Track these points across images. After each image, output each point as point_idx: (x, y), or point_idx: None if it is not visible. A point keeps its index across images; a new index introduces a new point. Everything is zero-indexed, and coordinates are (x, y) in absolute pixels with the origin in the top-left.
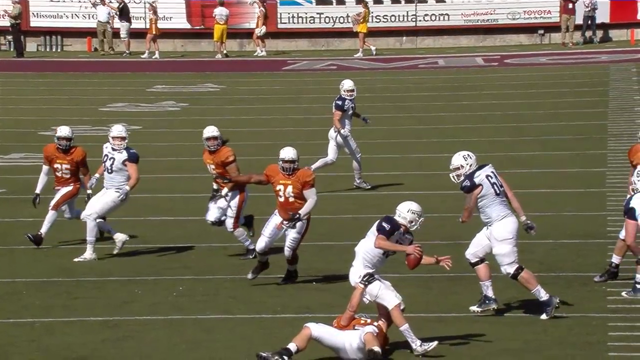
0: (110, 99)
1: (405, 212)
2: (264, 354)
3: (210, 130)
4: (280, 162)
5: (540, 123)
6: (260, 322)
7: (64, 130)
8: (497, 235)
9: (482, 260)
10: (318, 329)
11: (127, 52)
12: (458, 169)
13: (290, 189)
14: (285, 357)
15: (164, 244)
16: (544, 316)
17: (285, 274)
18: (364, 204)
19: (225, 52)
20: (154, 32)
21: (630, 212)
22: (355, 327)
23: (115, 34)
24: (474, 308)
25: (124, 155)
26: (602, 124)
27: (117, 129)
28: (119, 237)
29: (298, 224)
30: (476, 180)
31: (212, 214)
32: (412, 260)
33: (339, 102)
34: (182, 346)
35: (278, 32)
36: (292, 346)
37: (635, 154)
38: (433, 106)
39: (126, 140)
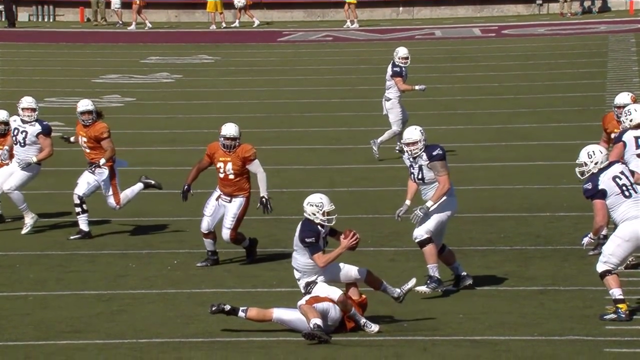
0: (104, 70)
1: (305, 206)
2: (215, 305)
3: (84, 104)
4: (221, 138)
5: (537, 95)
6: (255, 295)
7: None
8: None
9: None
10: (280, 312)
11: (119, 22)
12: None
13: (230, 165)
14: (226, 308)
15: (158, 218)
16: (423, 287)
17: (247, 252)
18: (358, 176)
19: (224, 24)
20: (138, 3)
21: (600, 194)
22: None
23: (108, 4)
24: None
25: (37, 128)
26: (600, 96)
27: (27, 100)
28: (29, 218)
29: (236, 202)
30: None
31: (81, 188)
32: (354, 248)
33: (397, 69)
34: (177, 320)
35: (273, 2)
36: (242, 309)
37: (610, 122)
38: (430, 77)
39: (36, 112)
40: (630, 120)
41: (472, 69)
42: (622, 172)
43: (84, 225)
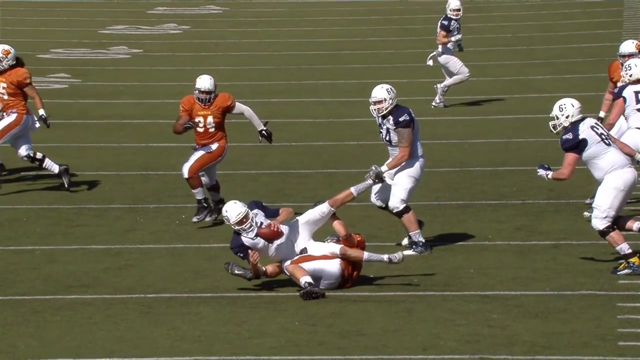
0: (110, 21)
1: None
2: (230, 265)
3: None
4: (196, 92)
5: (551, 46)
6: None
7: None
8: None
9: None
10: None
11: None
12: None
13: (210, 119)
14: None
15: (166, 172)
16: (409, 251)
17: (197, 203)
18: (367, 130)
19: None
20: None
21: (580, 145)
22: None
23: None
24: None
25: None
26: (616, 46)
27: None
28: None
29: (211, 147)
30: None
31: (21, 150)
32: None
33: (445, 22)
34: (185, 275)
35: None
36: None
37: (615, 71)
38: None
39: None
40: (630, 76)
41: (485, 19)
42: (596, 123)
43: (54, 168)
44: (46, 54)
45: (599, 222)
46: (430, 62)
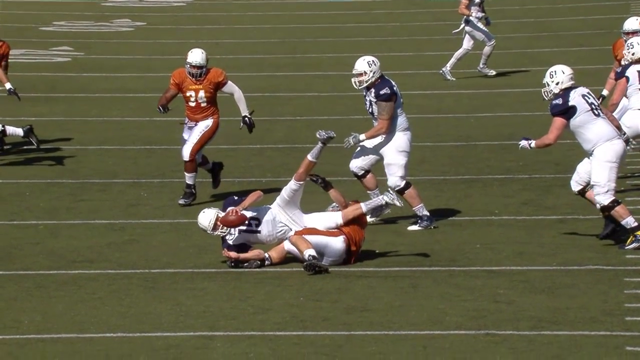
0: None
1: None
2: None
3: None
4: (187, 66)
5: (559, 18)
6: None
7: None
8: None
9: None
10: (289, 245)
11: None
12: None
13: (202, 93)
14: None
15: (170, 146)
16: (414, 227)
17: (186, 187)
18: None
19: None
20: None
21: (569, 111)
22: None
23: None
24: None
25: None
26: (624, 18)
27: None
28: None
29: (204, 122)
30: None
31: None
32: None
33: None
34: (189, 250)
35: None
36: (266, 256)
37: (619, 49)
38: (447, 2)
39: None
40: (633, 54)
41: None
42: (589, 93)
43: (19, 132)
44: (49, 26)
45: (603, 197)
46: (479, 16)
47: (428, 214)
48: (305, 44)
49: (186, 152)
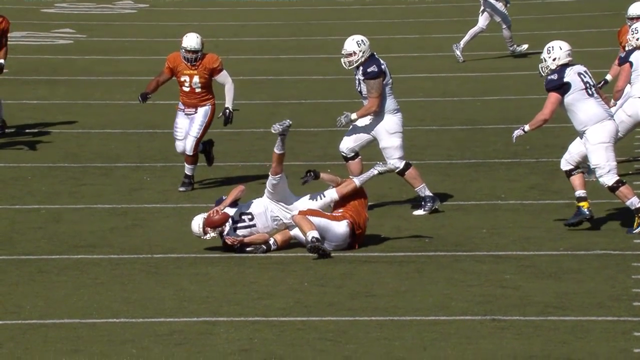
0: None
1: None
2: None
3: None
4: (182, 50)
5: None
6: None
7: None
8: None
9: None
10: (295, 230)
11: None
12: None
13: (196, 79)
14: (264, 247)
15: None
16: (419, 211)
17: (183, 177)
18: None
19: None
20: None
21: (564, 87)
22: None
23: None
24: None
25: None
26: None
27: None
28: None
29: (202, 110)
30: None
31: None
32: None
33: None
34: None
35: None
36: (272, 242)
37: (624, 35)
38: None
39: None
40: (637, 40)
41: None
42: (585, 72)
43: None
44: (50, 8)
45: (607, 178)
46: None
47: (431, 194)
48: (310, 26)
49: (189, 147)
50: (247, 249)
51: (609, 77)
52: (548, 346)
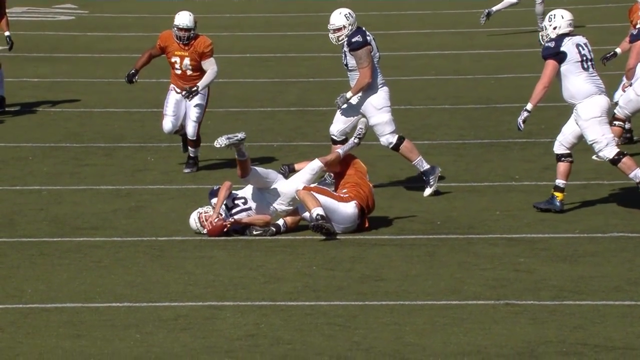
0: None
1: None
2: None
3: None
4: (175, 29)
5: None
6: None
7: None
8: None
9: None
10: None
11: None
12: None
13: (187, 61)
14: (274, 230)
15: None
16: (428, 190)
17: (187, 159)
18: (391, 64)
19: None
20: None
21: (560, 55)
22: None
23: None
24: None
25: None
26: None
27: None
28: None
29: (199, 97)
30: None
31: None
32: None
33: None
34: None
35: None
36: (281, 223)
37: (635, 13)
38: None
39: None
40: None
41: None
42: (585, 44)
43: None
44: None
45: (607, 151)
46: None
47: (429, 165)
48: (319, 3)
49: (192, 132)
50: (255, 232)
51: (618, 50)
52: (563, 331)
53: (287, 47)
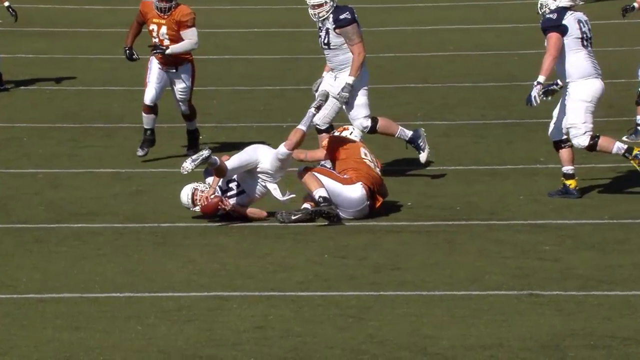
0: None
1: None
2: (281, 215)
3: None
4: (156, 0)
5: None
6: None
7: None
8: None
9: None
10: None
11: None
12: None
13: (164, 29)
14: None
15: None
16: (422, 155)
17: (188, 139)
18: (405, 40)
19: None
20: None
21: (561, 28)
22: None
23: None
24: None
25: None
26: None
27: None
28: None
29: (182, 69)
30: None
31: None
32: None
33: None
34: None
35: None
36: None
37: None
38: None
39: None
40: None
41: None
42: (586, 21)
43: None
44: None
45: (581, 139)
46: None
47: (411, 132)
48: None
49: (185, 108)
50: (293, 217)
51: (636, 4)
52: (590, 323)
53: (297, 22)
